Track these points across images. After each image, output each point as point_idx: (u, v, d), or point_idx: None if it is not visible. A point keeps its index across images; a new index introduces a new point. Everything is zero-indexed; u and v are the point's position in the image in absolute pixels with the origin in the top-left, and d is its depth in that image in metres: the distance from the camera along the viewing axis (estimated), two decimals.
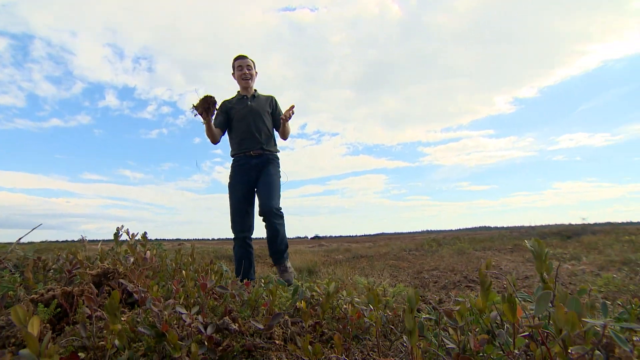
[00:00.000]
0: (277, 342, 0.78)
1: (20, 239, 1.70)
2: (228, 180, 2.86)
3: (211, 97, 2.45)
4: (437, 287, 3.46)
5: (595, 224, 10.70)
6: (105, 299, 1.19)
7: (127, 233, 1.46)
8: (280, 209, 2.69)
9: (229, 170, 2.90)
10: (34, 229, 1.74)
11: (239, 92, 2.96)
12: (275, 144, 2.96)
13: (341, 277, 3.39)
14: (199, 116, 2.48)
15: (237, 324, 0.76)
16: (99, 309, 0.84)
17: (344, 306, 0.94)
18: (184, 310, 0.73)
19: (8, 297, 1.33)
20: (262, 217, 2.67)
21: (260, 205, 2.67)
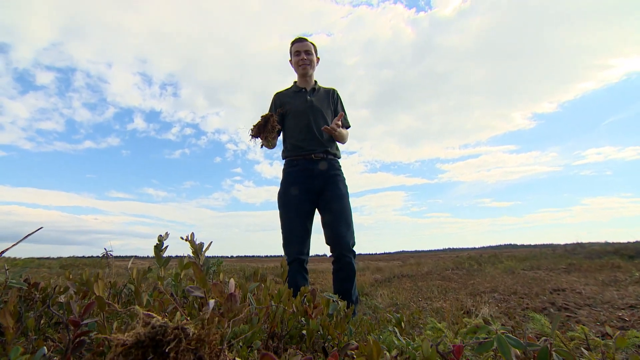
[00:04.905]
0: None
1: (3, 251, 0.89)
2: (280, 188, 2.33)
3: (267, 115, 2.19)
4: (520, 314, 2.83)
5: None
6: None
7: (191, 241, 0.72)
8: (355, 243, 2.23)
9: (281, 175, 2.37)
10: (33, 232, 1.13)
11: (295, 82, 2.51)
12: (338, 148, 2.45)
13: (404, 301, 2.83)
14: (258, 139, 2.21)
15: None
16: None
17: None
18: None
19: None
20: (333, 252, 2.19)
21: (335, 238, 2.18)
